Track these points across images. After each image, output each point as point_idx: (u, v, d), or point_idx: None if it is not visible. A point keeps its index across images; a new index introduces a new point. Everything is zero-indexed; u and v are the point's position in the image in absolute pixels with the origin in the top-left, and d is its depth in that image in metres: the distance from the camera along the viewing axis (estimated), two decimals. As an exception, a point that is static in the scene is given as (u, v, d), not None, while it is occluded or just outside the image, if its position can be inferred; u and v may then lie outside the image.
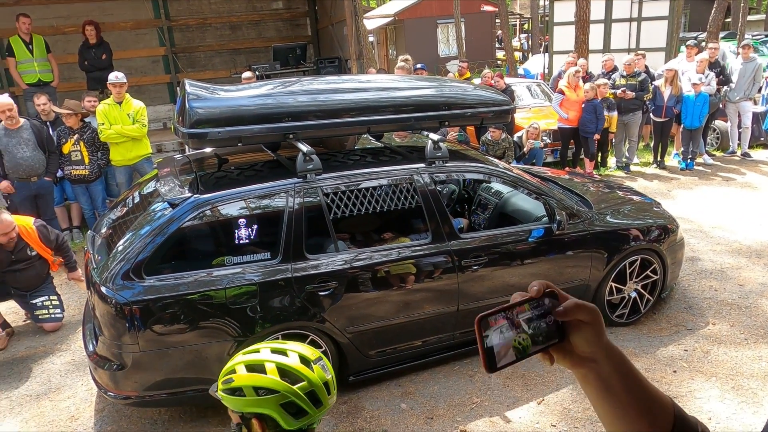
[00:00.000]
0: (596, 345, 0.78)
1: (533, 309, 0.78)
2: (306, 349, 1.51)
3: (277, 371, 1.43)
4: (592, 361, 0.79)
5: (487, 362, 0.76)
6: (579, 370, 0.81)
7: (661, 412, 0.78)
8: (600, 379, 0.79)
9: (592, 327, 0.78)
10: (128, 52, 9.54)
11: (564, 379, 3.80)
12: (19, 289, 4.71)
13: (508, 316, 0.77)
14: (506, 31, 20.65)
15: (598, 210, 4.44)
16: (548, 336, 0.78)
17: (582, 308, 0.78)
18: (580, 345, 0.79)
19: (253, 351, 1.51)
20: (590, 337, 0.78)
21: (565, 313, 0.78)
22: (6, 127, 5.83)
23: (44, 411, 3.77)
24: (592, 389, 0.80)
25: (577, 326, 0.78)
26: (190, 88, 3.62)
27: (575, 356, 0.80)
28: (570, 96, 8.19)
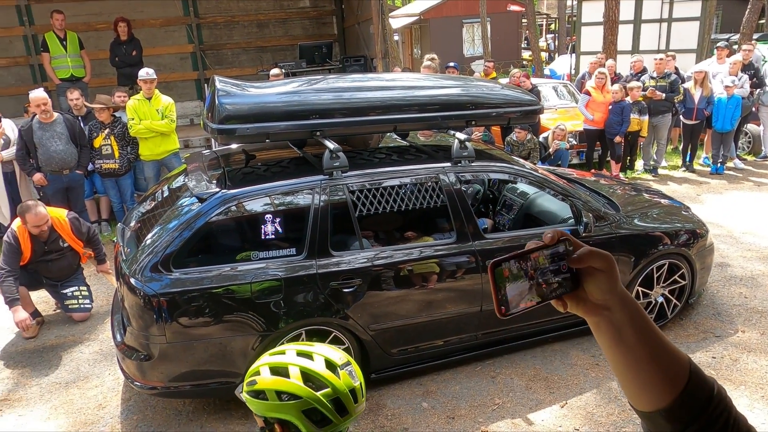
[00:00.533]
0: (610, 293, 0.78)
1: (547, 257, 0.79)
2: (334, 353, 1.44)
3: (301, 376, 1.37)
4: (606, 308, 0.78)
5: (500, 307, 0.77)
6: (592, 318, 0.80)
7: (675, 366, 0.77)
8: (613, 327, 0.78)
9: (606, 274, 0.78)
10: (157, 48, 9.69)
11: (588, 382, 3.76)
12: (50, 279, 4.83)
13: (521, 262, 0.78)
14: (533, 31, 20.47)
15: (626, 213, 4.38)
16: (562, 283, 0.79)
17: (596, 255, 0.78)
18: (594, 292, 0.78)
19: (279, 352, 1.45)
20: (604, 284, 0.78)
21: (579, 260, 0.78)
22: (40, 120, 5.97)
23: (73, 399, 3.86)
24: (604, 338, 0.80)
25: (591, 273, 0.78)
26: (219, 85, 3.67)
27: (589, 304, 0.80)
28: (596, 97, 8.09)
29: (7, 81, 9.36)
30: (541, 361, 4.02)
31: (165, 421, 3.59)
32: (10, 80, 9.39)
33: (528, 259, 0.78)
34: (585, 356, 4.04)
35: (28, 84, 8.93)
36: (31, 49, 9.21)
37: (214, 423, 3.55)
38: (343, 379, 1.38)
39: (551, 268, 0.78)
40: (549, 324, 4.10)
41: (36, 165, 6.07)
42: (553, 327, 4.15)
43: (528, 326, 4.07)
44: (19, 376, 4.15)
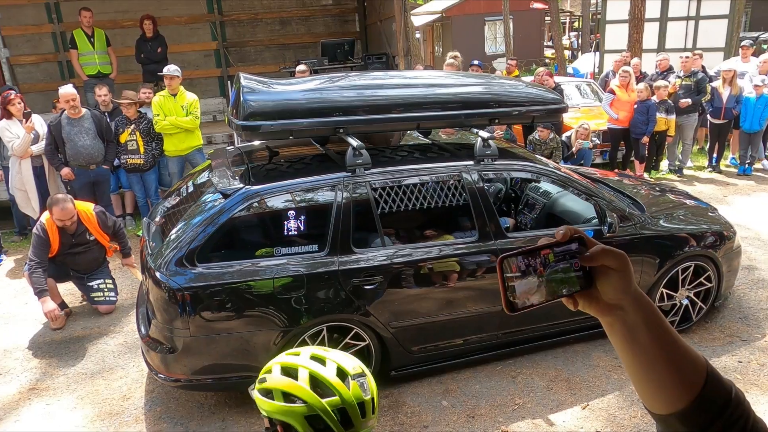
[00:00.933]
0: (623, 292, 0.77)
1: (559, 253, 0.78)
2: (348, 361, 1.38)
3: (309, 380, 1.32)
4: (619, 308, 0.77)
5: (508, 303, 0.76)
6: (605, 318, 0.79)
7: (691, 368, 0.75)
8: (626, 327, 0.77)
9: (620, 274, 0.76)
10: (182, 46, 9.79)
11: (610, 384, 3.72)
12: (77, 272, 4.93)
13: (531, 258, 0.77)
14: (556, 29, 20.26)
15: (651, 213, 4.32)
16: (574, 281, 0.78)
17: (609, 254, 0.77)
18: (607, 292, 0.77)
19: (293, 353, 1.42)
20: (617, 284, 0.76)
21: (592, 259, 0.77)
22: (69, 116, 6.09)
23: (98, 389, 3.94)
24: (618, 338, 0.79)
25: (605, 272, 0.77)
26: (244, 81, 3.70)
27: (602, 303, 0.78)
28: (621, 96, 7.98)
29: (36, 77, 9.55)
30: (562, 362, 3.98)
31: (187, 413, 3.65)
32: (39, 76, 9.57)
33: (537, 256, 0.77)
34: (607, 358, 3.99)
35: (57, 80, 9.08)
36: (60, 46, 9.38)
37: (235, 416, 3.59)
38: (352, 389, 1.32)
39: (562, 266, 0.77)
40: (571, 325, 4.06)
41: (64, 159, 6.20)
42: (574, 328, 4.11)
43: (549, 326, 4.04)
44: (46, 366, 4.24)
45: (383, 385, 3.74)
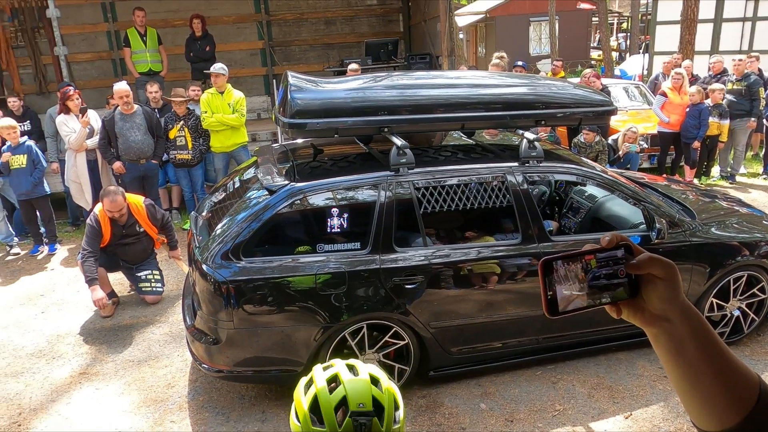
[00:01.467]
0: (671, 303, 0.74)
1: (603, 260, 0.76)
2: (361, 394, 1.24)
3: (312, 401, 1.24)
4: (665, 320, 0.75)
5: (549, 306, 0.76)
6: (650, 329, 0.77)
7: (742, 384, 0.72)
8: (673, 340, 0.74)
9: (668, 283, 0.74)
10: (229, 45, 10.00)
11: (655, 395, 3.62)
12: (126, 262, 5.10)
13: (573, 263, 0.76)
14: (604, 30, 19.81)
15: (701, 220, 4.18)
16: (618, 289, 0.76)
17: (656, 262, 0.74)
18: (653, 302, 0.75)
19: (328, 365, 1.33)
20: (664, 294, 0.74)
21: (638, 267, 0.75)
22: (122, 112, 6.31)
23: (144, 376, 4.06)
24: (663, 351, 0.76)
25: (651, 281, 0.75)
26: (292, 80, 3.76)
27: (647, 313, 0.76)
28: (673, 99, 7.74)
29: (91, 74, 9.92)
30: (605, 369, 3.90)
31: (229, 403, 3.73)
32: (93, 74, 9.94)
33: (580, 261, 0.76)
34: (652, 367, 3.89)
35: (110, 77, 9.42)
36: (114, 45, 9.72)
37: (275, 409, 3.65)
38: (344, 427, 1.21)
39: (605, 272, 0.76)
40: (614, 332, 3.97)
41: (116, 154, 6.42)
42: (618, 335, 4.02)
43: (591, 333, 3.96)
44: (96, 352, 4.40)
45: (421, 385, 3.74)
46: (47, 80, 9.56)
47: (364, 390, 1.24)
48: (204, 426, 3.53)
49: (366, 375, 1.28)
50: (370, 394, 1.24)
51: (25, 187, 6.20)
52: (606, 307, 0.78)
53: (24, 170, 6.16)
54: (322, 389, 1.24)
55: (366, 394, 1.23)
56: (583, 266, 0.76)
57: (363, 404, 1.22)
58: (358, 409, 1.21)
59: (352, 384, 1.25)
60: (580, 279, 0.76)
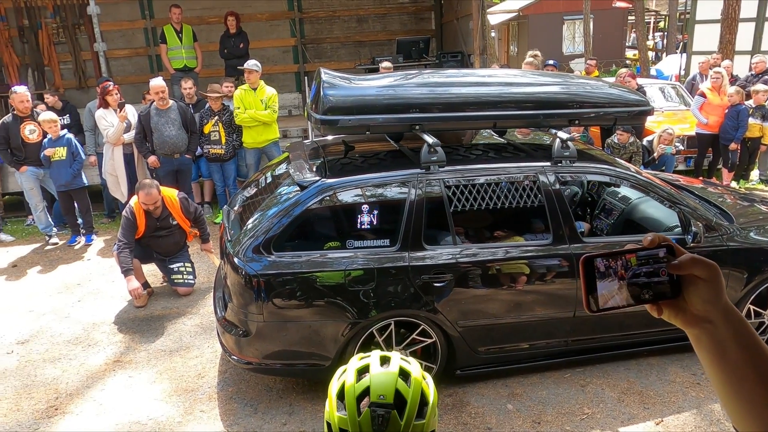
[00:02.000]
0: (713, 304, 0.74)
1: (645, 259, 0.77)
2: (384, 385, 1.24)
3: (339, 389, 1.26)
4: (707, 321, 0.74)
5: (589, 303, 0.77)
6: (692, 330, 0.76)
7: None
8: (715, 342, 0.74)
9: (710, 284, 0.74)
10: (262, 42, 10.13)
11: (687, 402, 3.54)
12: (160, 254, 5.22)
13: (612, 260, 0.77)
14: (641, 29, 19.41)
15: (740, 224, 4.07)
16: (659, 289, 0.77)
17: (699, 263, 0.74)
18: (695, 303, 0.74)
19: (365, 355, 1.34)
20: (706, 295, 0.74)
21: (680, 267, 0.75)
22: (157, 107, 6.44)
23: (175, 366, 4.15)
24: (705, 353, 0.76)
25: (693, 282, 0.74)
26: (325, 77, 3.79)
27: (689, 314, 0.76)
28: (712, 99, 7.55)
29: (128, 70, 10.16)
30: (635, 374, 3.83)
31: (257, 395, 3.78)
32: (130, 69, 10.18)
33: (621, 259, 0.77)
34: (685, 374, 3.81)
35: (146, 73, 9.64)
36: (150, 41, 9.93)
37: (302, 402, 3.69)
38: (362, 417, 1.21)
39: (645, 270, 0.76)
40: (645, 336, 3.91)
41: (151, 148, 6.56)
42: (649, 340, 3.95)
43: (622, 337, 3.90)
44: (130, 341, 4.52)
45: (448, 384, 3.73)
46: (86, 75, 9.83)
47: (389, 383, 1.25)
48: (232, 416, 3.59)
49: (396, 368, 1.28)
50: (393, 387, 1.24)
51: (65, 178, 6.39)
52: (647, 307, 0.78)
53: (64, 162, 6.35)
54: (351, 377, 1.26)
55: (389, 387, 1.24)
56: (624, 264, 0.77)
57: (384, 396, 1.23)
58: (378, 401, 1.22)
59: (379, 376, 1.26)
60: (620, 276, 0.77)
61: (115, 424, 3.56)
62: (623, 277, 0.76)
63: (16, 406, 3.77)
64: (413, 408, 1.24)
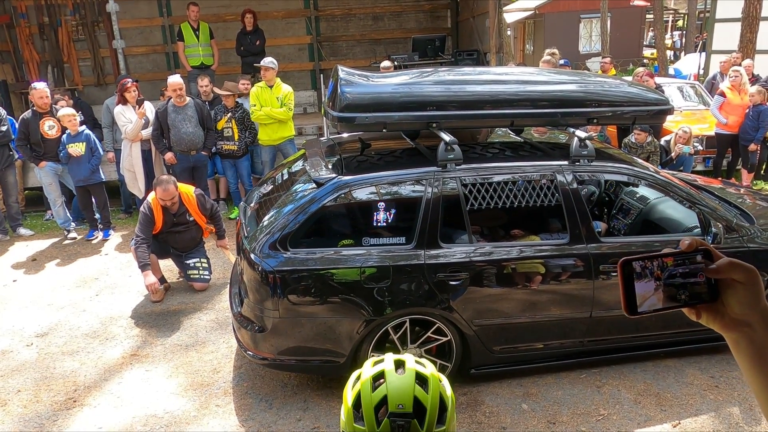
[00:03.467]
0: (751, 308, 0.73)
1: (682, 263, 0.77)
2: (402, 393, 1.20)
3: (354, 398, 1.22)
4: (746, 325, 0.74)
5: (628, 305, 0.77)
6: (730, 334, 0.76)
7: None
8: (754, 346, 0.73)
9: (749, 288, 0.73)
10: (278, 39, 10.17)
11: (705, 404, 3.50)
12: (176, 249, 5.26)
13: (649, 262, 0.77)
14: (659, 28, 19.19)
15: (761, 226, 4.01)
16: (697, 292, 0.77)
17: (737, 267, 0.74)
18: (733, 306, 0.74)
19: (378, 360, 1.29)
20: (745, 298, 0.73)
21: (718, 271, 0.75)
22: (174, 104, 6.49)
23: (191, 360, 4.19)
24: (744, 357, 0.75)
25: (732, 286, 0.74)
26: (342, 74, 3.79)
27: (727, 318, 0.75)
28: (732, 99, 7.44)
29: (146, 67, 10.26)
30: (652, 376, 3.80)
31: (272, 391, 3.80)
32: (148, 66, 10.28)
33: (657, 260, 0.77)
34: (703, 376, 3.76)
35: (164, 71, 9.73)
36: (168, 39, 10.02)
37: (317, 398, 3.70)
38: (382, 427, 1.17)
39: (681, 270, 0.76)
40: (662, 338, 3.87)
41: (168, 144, 6.62)
42: (666, 341, 3.91)
43: (638, 338, 3.86)
44: (146, 335, 4.56)
45: (462, 383, 3.73)
46: (105, 72, 9.95)
47: (407, 390, 1.20)
48: (247, 411, 3.61)
49: (412, 373, 1.24)
50: (411, 395, 1.20)
51: (83, 173, 6.47)
52: (685, 310, 0.78)
53: (83, 157, 6.43)
54: (366, 386, 1.21)
55: (407, 395, 1.19)
56: (660, 265, 0.77)
57: (402, 405, 1.18)
58: (397, 410, 1.17)
59: (395, 383, 1.21)
60: (656, 277, 0.77)
61: (132, 417, 3.60)
62: (659, 277, 0.77)
63: (36, 398, 3.83)
64: (433, 415, 1.20)
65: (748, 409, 3.45)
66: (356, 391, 1.22)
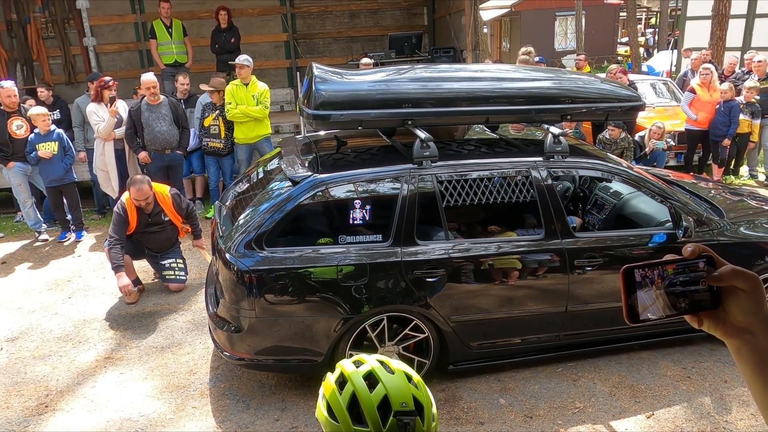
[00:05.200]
0: (753, 315, 0.74)
1: (684, 271, 0.77)
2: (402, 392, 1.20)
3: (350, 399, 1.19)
4: (748, 332, 0.74)
5: (629, 313, 0.77)
6: (732, 341, 0.77)
7: None
8: (756, 353, 0.74)
9: (750, 295, 0.74)
10: (254, 37, 10.06)
11: (678, 395, 3.57)
12: (151, 250, 5.18)
13: (654, 272, 0.77)
14: (633, 26, 19.48)
15: (730, 219, 4.10)
16: (699, 300, 0.77)
17: (739, 274, 0.74)
18: (735, 314, 0.75)
19: (359, 360, 1.27)
20: (747, 306, 0.74)
21: (720, 279, 0.75)
22: (148, 102, 6.39)
23: (167, 362, 4.13)
24: (746, 364, 0.76)
25: (734, 293, 0.75)
26: (317, 72, 3.77)
27: (729, 325, 0.76)
28: (702, 96, 7.59)
29: (119, 65, 10.06)
30: (626, 368, 3.86)
31: (249, 391, 3.77)
32: (120, 64, 10.08)
33: (658, 268, 0.77)
34: (676, 367, 3.83)
35: (137, 68, 9.55)
36: (141, 36, 9.84)
37: (295, 398, 3.68)
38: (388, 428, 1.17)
39: (681, 279, 0.76)
40: (636, 331, 3.92)
41: (142, 143, 6.51)
42: (640, 334, 3.98)
43: (613, 331, 3.92)
44: (120, 338, 4.49)
45: (440, 379, 3.74)
46: (76, 71, 9.73)
47: (405, 388, 1.21)
48: (225, 413, 3.58)
49: (401, 372, 1.24)
50: (410, 393, 1.20)
51: (56, 173, 6.33)
52: (687, 318, 0.79)
53: (55, 157, 6.29)
54: (362, 387, 1.19)
55: (407, 393, 1.20)
56: (660, 273, 0.77)
57: (405, 403, 1.18)
58: (402, 409, 1.17)
59: (392, 383, 1.20)
60: (657, 285, 0.77)
61: (106, 421, 3.54)
62: (659, 285, 0.77)
63: (6, 404, 3.74)
64: (429, 410, 1.21)
65: (719, 399, 3.53)
66: (349, 393, 1.19)
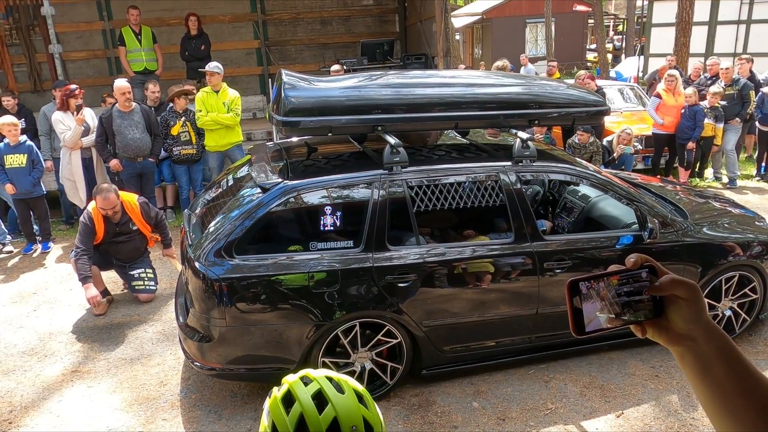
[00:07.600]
0: (694, 323, 0.76)
1: (628, 281, 0.79)
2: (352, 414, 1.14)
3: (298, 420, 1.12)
4: (690, 339, 0.76)
5: (576, 325, 0.78)
6: (676, 348, 0.79)
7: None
8: (698, 359, 0.76)
9: (691, 304, 0.76)
10: (225, 44, 9.99)
11: (646, 394, 3.63)
12: (119, 260, 5.09)
13: (599, 283, 0.78)
14: (600, 32, 19.89)
15: (694, 220, 4.20)
16: (642, 309, 0.78)
17: (679, 284, 0.77)
18: (677, 322, 0.77)
19: (306, 376, 1.20)
20: (688, 314, 0.76)
21: (661, 288, 0.77)
22: (120, 109, 6.29)
23: (136, 374, 4.05)
24: (690, 370, 0.78)
25: (675, 302, 0.77)
26: (286, 78, 3.76)
27: (671, 333, 0.78)
28: (667, 100, 7.78)
29: (87, 73, 9.88)
30: (597, 368, 3.91)
31: (221, 401, 3.72)
32: (89, 72, 9.90)
33: (603, 280, 0.78)
34: (644, 367, 3.90)
35: (105, 76, 9.41)
36: (109, 43, 9.69)
37: (268, 407, 3.63)
38: None
39: (625, 290, 0.78)
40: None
41: (113, 151, 6.40)
42: (610, 335, 4.03)
43: (584, 332, 3.97)
44: (88, 350, 4.39)
45: (414, 384, 3.74)
46: (42, 78, 9.52)
47: (355, 410, 1.16)
48: (196, 424, 3.52)
49: (351, 391, 1.19)
50: (360, 415, 1.16)
51: (24, 186, 6.18)
52: (632, 328, 0.80)
53: (23, 170, 6.14)
54: (310, 408, 1.13)
55: (356, 415, 1.15)
56: (605, 284, 0.78)
57: (356, 427, 1.13)
58: None
59: (342, 404, 1.15)
60: (602, 297, 0.78)
61: (72, 436, 3.45)
62: (605, 297, 0.78)
63: (-33, 421, 3.63)
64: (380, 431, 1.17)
65: (686, 396, 3.60)
66: (296, 414, 1.13)
